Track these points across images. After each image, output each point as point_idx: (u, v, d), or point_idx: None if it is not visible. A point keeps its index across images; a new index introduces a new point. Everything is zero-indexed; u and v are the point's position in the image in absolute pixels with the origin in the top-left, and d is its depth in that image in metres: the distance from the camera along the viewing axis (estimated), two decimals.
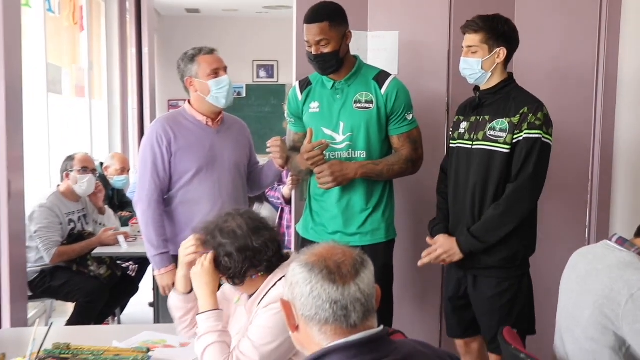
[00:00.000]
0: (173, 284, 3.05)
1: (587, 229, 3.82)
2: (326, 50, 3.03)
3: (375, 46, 3.65)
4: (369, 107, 3.11)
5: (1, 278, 3.60)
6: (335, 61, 3.08)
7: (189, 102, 3.40)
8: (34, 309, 4.99)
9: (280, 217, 4.59)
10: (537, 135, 2.87)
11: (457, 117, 3.20)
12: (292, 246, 3.94)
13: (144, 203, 3.27)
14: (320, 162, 3.04)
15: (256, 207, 4.84)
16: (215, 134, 3.37)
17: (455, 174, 3.11)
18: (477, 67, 2.96)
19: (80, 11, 7.00)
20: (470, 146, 3.03)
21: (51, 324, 2.37)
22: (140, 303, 5.49)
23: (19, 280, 3.75)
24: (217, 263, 2.18)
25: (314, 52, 3.06)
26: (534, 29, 3.56)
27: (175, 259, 3.07)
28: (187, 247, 2.34)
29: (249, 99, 11.77)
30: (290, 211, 4.09)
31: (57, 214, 4.50)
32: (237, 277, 2.18)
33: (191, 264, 2.28)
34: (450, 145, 3.20)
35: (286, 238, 4.37)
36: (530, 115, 2.87)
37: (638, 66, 3.66)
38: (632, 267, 2.25)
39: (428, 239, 3.09)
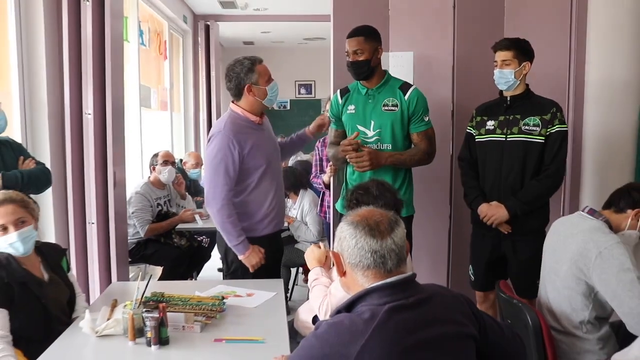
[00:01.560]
0: (260, 259, 3.00)
1: (561, 204, 3.79)
2: (360, 58, 3.05)
3: (395, 63, 3.64)
4: (395, 110, 3.10)
5: (110, 247, 3.67)
6: (367, 68, 3.07)
7: (236, 104, 3.02)
8: (132, 272, 5.06)
9: (322, 199, 4.59)
10: (565, 129, 2.97)
11: (479, 117, 3.15)
12: (332, 222, 3.94)
13: (218, 203, 2.91)
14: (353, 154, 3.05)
15: (301, 193, 4.83)
16: (262, 130, 3.08)
17: (489, 162, 3.10)
18: (511, 77, 2.97)
19: (164, 44, 7.09)
20: (503, 139, 3.03)
21: (150, 276, 2.42)
22: (211, 268, 5.51)
23: (122, 249, 3.82)
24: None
25: (351, 60, 3.07)
26: None
27: (251, 239, 2.99)
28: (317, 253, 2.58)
29: (292, 111, 11.79)
30: (330, 194, 4.08)
31: (148, 199, 4.54)
32: None
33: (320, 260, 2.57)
34: (477, 140, 3.14)
35: (328, 215, 4.36)
36: (559, 113, 2.97)
37: (601, 73, 3.60)
38: (600, 231, 2.28)
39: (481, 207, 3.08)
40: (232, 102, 3.05)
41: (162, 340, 2.12)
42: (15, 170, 2.75)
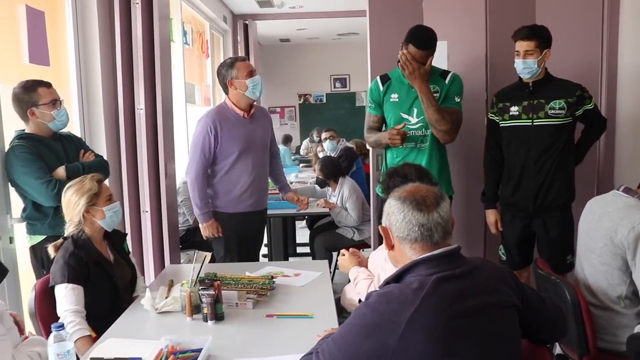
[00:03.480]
0: (213, 233, 3.32)
1: (595, 188, 3.73)
2: (427, 67, 3.01)
3: None
4: (436, 96, 3.08)
5: (163, 234, 3.77)
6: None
7: (227, 97, 3.32)
8: (182, 258, 5.15)
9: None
10: (593, 105, 3.05)
11: (501, 104, 3.11)
12: (372, 205, 3.95)
13: (192, 175, 3.26)
14: (398, 142, 3.07)
15: (340, 181, 4.84)
16: (249, 123, 3.31)
17: (517, 147, 3.07)
18: (535, 66, 2.95)
19: (206, 43, 7.16)
20: (530, 124, 3.01)
21: (205, 256, 2.46)
22: None
23: (173, 235, 3.91)
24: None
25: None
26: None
27: (215, 214, 3.34)
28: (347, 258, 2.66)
29: (328, 104, 11.79)
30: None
31: None
32: None
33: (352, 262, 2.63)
34: (502, 125, 3.11)
35: None
36: (585, 93, 3.00)
37: (633, 60, 3.52)
38: (636, 208, 2.25)
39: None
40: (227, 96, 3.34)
41: (217, 316, 2.18)
42: (77, 162, 2.84)
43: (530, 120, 3.01)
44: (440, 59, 3.62)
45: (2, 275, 2.03)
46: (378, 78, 3.26)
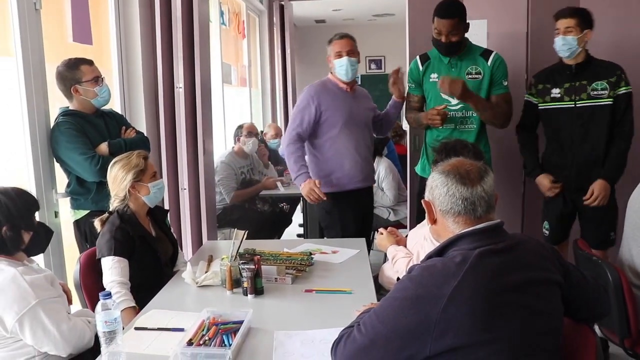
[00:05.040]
0: (313, 189, 3.11)
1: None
2: (454, 39, 2.99)
3: (469, 31, 3.54)
4: (478, 77, 3.05)
5: (201, 211, 3.82)
6: (459, 47, 3.05)
7: (331, 72, 3.33)
8: (219, 236, 5.21)
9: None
10: (630, 90, 2.94)
11: (541, 85, 3.09)
12: (408, 185, 3.93)
13: (286, 141, 3.22)
14: (437, 123, 3.06)
15: (377, 160, 4.82)
16: (352, 98, 3.29)
17: (561, 130, 3.05)
18: (574, 43, 2.93)
19: (242, 24, 7.16)
20: (572, 105, 2.99)
21: (245, 232, 2.48)
22: (291, 234, 5.61)
23: (211, 213, 3.96)
24: None
25: (444, 40, 3.00)
26: (595, 14, 3.38)
27: (327, 194, 3.14)
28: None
29: (363, 86, 11.46)
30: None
31: (233, 167, 4.64)
32: None
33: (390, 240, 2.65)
34: (541, 107, 3.10)
35: None
36: (623, 75, 2.93)
37: None
38: None
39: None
40: None
41: (257, 290, 2.21)
42: (119, 138, 2.90)
43: (573, 102, 2.99)
44: (480, 38, 3.56)
45: (48, 236, 2.09)
46: (418, 57, 3.23)
